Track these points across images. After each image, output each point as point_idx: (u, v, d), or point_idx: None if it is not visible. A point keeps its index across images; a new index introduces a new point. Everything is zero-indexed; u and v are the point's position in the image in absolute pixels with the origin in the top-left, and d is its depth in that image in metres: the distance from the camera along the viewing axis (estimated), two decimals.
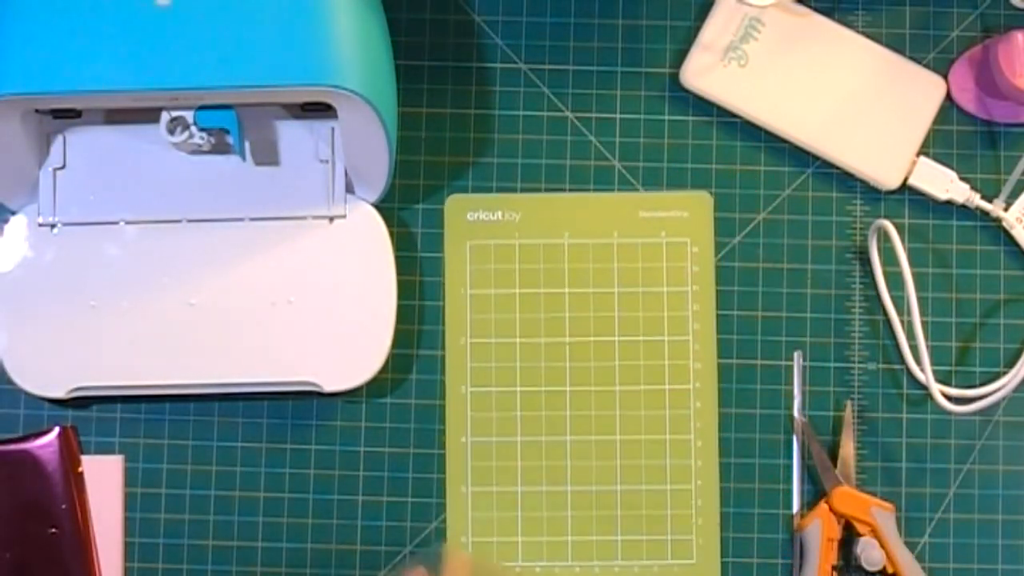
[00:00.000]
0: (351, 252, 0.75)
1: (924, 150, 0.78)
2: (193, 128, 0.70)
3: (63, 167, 0.75)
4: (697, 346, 0.77)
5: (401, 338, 0.76)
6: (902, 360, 0.78)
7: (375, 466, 0.77)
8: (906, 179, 0.78)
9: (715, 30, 0.78)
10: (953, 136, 0.79)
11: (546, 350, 0.77)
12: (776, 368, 0.78)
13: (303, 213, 0.75)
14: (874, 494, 0.76)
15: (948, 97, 0.79)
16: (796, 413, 0.77)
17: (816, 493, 0.77)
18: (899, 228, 0.76)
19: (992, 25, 0.80)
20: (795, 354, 0.78)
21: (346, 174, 0.75)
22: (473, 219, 0.78)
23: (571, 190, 0.79)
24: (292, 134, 0.75)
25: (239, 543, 0.76)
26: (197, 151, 0.73)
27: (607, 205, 0.78)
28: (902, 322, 0.77)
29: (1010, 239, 0.78)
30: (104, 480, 0.76)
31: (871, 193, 0.79)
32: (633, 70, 0.79)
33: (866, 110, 0.78)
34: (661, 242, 0.78)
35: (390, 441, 0.77)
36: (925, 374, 0.75)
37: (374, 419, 0.77)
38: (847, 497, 0.75)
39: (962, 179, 0.78)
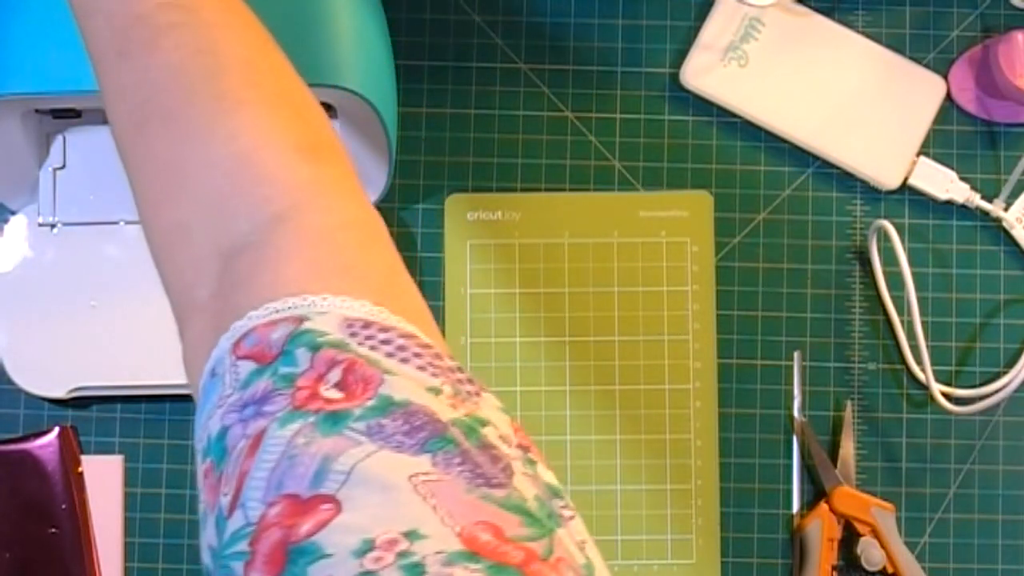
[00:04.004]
0: None
1: (924, 150, 0.78)
2: None
3: (63, 167, 0.75)
4: (697, 346, 0.77)
5: None
6: (902, 360, 0.78)
7: None
8: (906, 179, 0.78)
9: (715, 30, 0.78)
10: (953, 136, 0.79)
11: (546, 349, 0.77)
12: (776, 368, 0.78)
13: None
14: (874, 494, 0.76)
15: (948, 97, 0.79)
16: (796, 413, 0.77)
17: (816, 493, 0.77)
18: (899, 228, 0.76)
19: (992, 25, 0.80)
20: (795, 354, 0.78)
21: None
22: (473, 219, 0.78)
23: (571, 190, 0.79)
24: None
25: None
26: None
27: (607, 205, 0.78)
28: (902, 322, 0.77)
29: (1010, 239, 0.78)
30: (104, 480, 0.76)
31: (871, 193, 0.79)
32: (633, 70, 0.79)
33: (866, 110, 0.78)
34: (661, 242, 0.78)
35: None
36: (925, 374, 0.75)
37: None
38: (847, 497, 0.75)
39: (962, 179, 0.78)
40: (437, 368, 0.39)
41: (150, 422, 0.77)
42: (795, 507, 0.77)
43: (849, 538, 0.76)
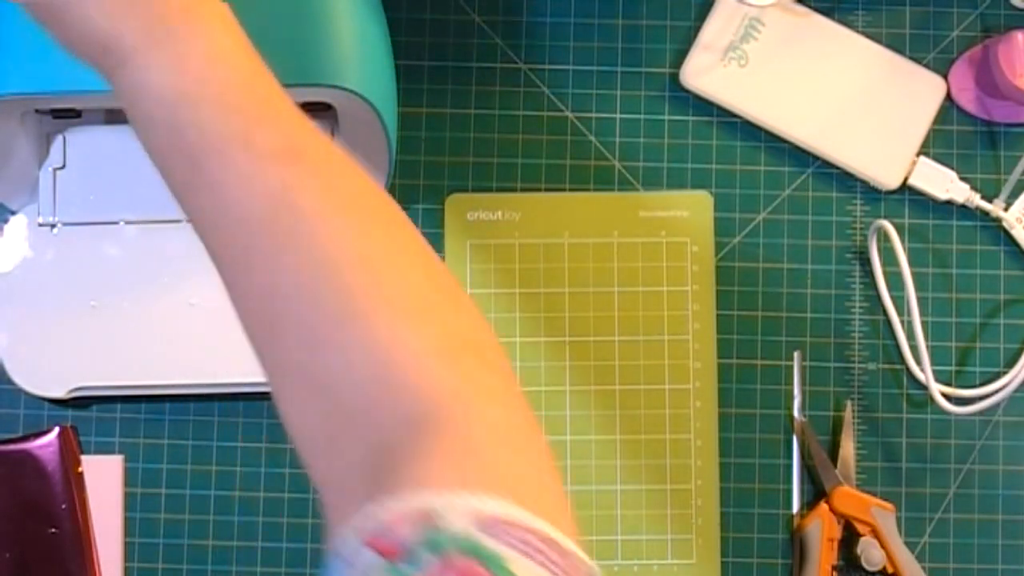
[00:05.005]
0: None
1: (924, 150, 0.78)
2: None
3: (63, 167, 0.75)
4: (697, 346, 0.77)
5: None
6: (902, 360, 0.78)
7: None
8: (906, 179, 0.78)
9: (715, 30, 0.78)
10: (953, 136, 0.79)
11: (546, 349, 0.77)
12: (776, 368, 0.78)
13: None
14: (874, 494, 0.76)
15: (948, 97, 0.79)
16: (796, 413, 0.77)
17: (816, 493, 0.77)
18: (899, 228, 0.76)
19: (992, 25, 0.80)
20: (795, 354, 0.78)
21: None
22: (473, 219, 0.78)
23: (571, 190, 0.79)
24: None
25: (239, 543, 0.76)
26: None
27: (607, 205, 0.78)
28: (902, 322, 0.77)
29: (1010, 239, 0.78)
30: (104, 480, 0.76)
31: (871, 193, 0.79)
32: (633, 70, 0.79)
33: (866, 110, 0.78)
34: (661, 242, 0.78)
35: None
36: (925, 374, 0.75)
37: None
38: (847, 497, 0.75)
39: (962, 179, 0.78)
40: None
41: (150, 422, 0.77)
42: (795, 507, 0.77)
43: (849, 538, 0.76)
